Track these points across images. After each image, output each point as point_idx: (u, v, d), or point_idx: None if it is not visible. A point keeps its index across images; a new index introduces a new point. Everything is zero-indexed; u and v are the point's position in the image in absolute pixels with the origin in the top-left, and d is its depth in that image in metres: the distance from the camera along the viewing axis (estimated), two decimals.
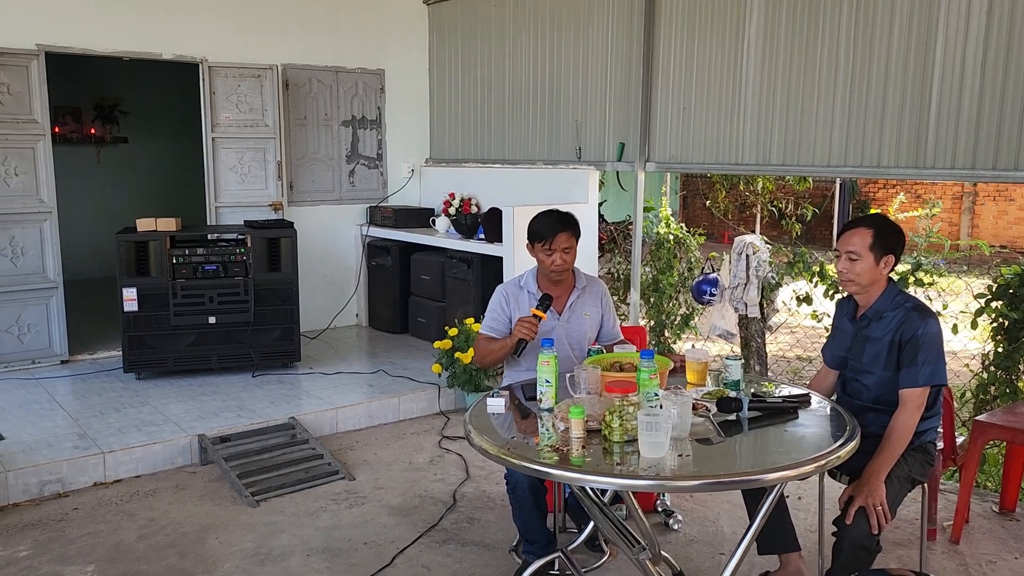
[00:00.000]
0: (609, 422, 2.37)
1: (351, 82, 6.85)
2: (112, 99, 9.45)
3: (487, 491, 4.01)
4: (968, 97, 3.91)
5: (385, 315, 6.93)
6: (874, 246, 2.77)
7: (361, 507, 3.86)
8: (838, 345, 3.00)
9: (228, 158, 6.25)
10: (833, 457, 2.30)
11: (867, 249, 2.77)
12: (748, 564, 3.22)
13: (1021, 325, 4.05)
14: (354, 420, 4.95)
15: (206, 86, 6.07)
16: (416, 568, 3.29)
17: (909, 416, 2.69)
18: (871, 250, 2.77)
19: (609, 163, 5.75)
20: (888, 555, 3.37)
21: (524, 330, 3.05)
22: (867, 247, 2.77)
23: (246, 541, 3.50)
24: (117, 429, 4.43)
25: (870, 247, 2.77)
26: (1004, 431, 3.50)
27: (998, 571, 3.26)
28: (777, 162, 4.79)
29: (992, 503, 3.88)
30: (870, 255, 2.77)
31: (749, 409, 2.58)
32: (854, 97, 4.35)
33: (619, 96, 5.60)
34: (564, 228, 3.19)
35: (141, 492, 4.00)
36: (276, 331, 5.51)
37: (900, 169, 4.22)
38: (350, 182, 6.98)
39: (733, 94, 4.93)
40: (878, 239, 2.77)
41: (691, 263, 6.05)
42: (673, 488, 2.74)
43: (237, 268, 5.39)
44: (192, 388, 5.18)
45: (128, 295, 5.14)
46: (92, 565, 3.28)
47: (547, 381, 2.64)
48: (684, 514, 3.72)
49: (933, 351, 2.70)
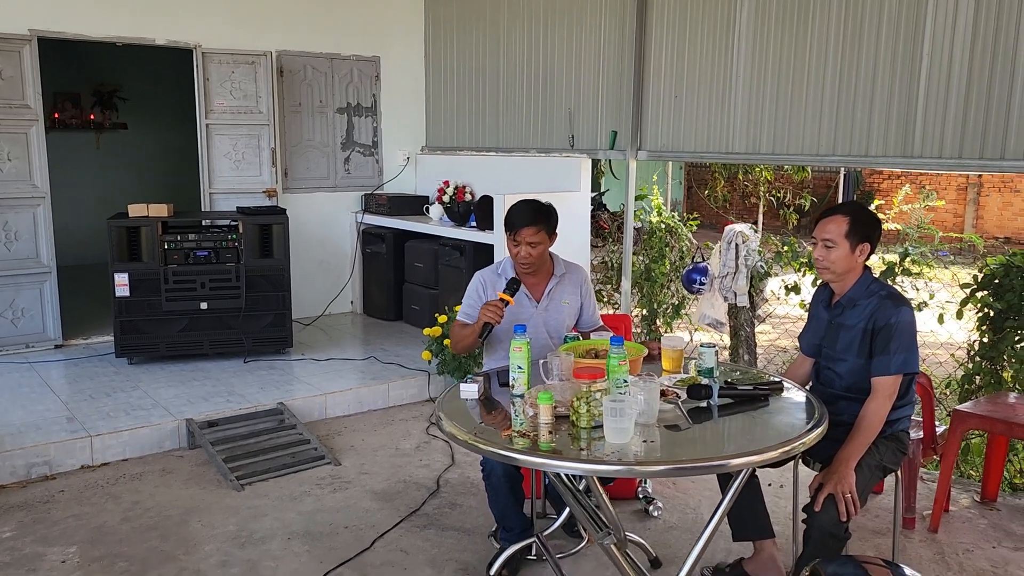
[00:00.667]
0: (577, 408, 2.38)
1: (346, 69, 6.85)
2: (111, 85, 9.47)
3: (471, 477, 4.03)
4: (955, 87, 3.89)
5: (379, 302, 6.95)
6: (850, 234, 2.76)
7: (345, 492, 3.89)
8: (813, 333, 3.01)
9: (222, 144, 6.27)
10: (798, 443, 2.30)
11: (843, 237, 2.77)
12: (724, 551, 3.24)
13: (1006, 315, 4.04)
14: (343, 406, 4.98)
15: (200, 72, 6.08)
16: (395, 552, 3.32)
17: (880, 404, 2.69)
18: (847, 238, 2.77)
19: (602, 151, 5.74)
20: (865, 543, 3.39)
21: (489, 314, 3.03)
22: (843, 235, 2.77)
23: (228, 524, 3.54)
24: (106, 413, 4.47)
25: (846, 235, 2.77)
26: (983, 421, 3.50)
27: (974, 560, 3.27)
28: (767, 151, 4.78)
29: (974, 492, 3.88)
30: (846, 243, 2.77)
31: (720, 396, 2.59)
32: (843, 87, 4.33)
33: (612, 85, 5.58)
34: (532, 223, 3.16)
35: (127, 475, 4.04)
36: (268, 317, 5.54)
37: (888, 158, 4.21)
38: (345, 169, 6.98)
39: (724, 83, 4.92)
40: (854, 227, 2.76)
41: (683, 252, 6.04)
42: (637, 473, 2.75)
43: (229, 254, 5.41)
44: (183, 373, 5.21)
45: (120, 280, 5.17)
46: (74, 547, 3.32)
47: (519, 367, 2.64)
48: (665, 501, 3.74)
49: (906, 339, 2.70)
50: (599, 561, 3.18)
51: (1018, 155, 3.67)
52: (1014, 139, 3.69)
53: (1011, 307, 4.01)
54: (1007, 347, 4.03)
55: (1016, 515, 3.67)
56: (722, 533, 3.12)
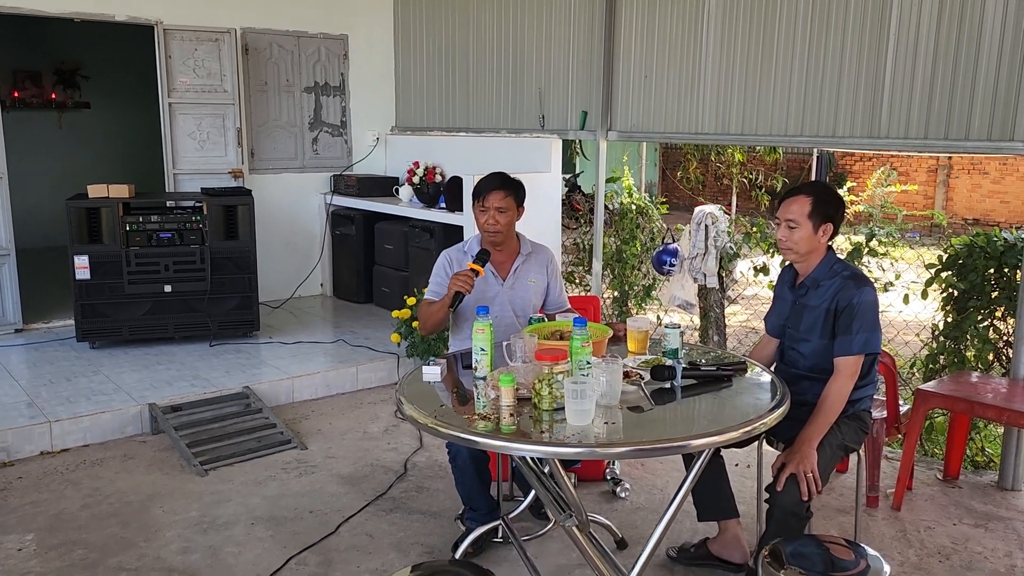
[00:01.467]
0: (539, 390, 2.36)
1: (313, 47, 6.73)
2: (73, 63, 9.24)
3: (439, 460, 4.01)
4: (921, 68, 3.89)
5: (350, 285, 6.89)
6: (812, 214, 2.75)
7: (311, 476, 3.85)
8: (778, 313, 3.00)
9: (186, 124, 6.14)
10: (760, 423, 2.30)
11: (805, 217, 2.76)
12: (690, 531, 3.25)
13: (969, 295, 4.07)
14: (311, 390, 4.92)
15: (162, 50, 5.94)
16: (360, 536, 3.29)
17: (842, 384, 2.70)
18: (809, 218, 2.76)
19: (572, 132, 5.70)
20: (828, 521, 3.42)
21: (459, 283, 3.00)
22: (805, 215, 2.76)
23: (191, 510, 3.49)
24: (66, 398, 4.38)
25: (808, 215, 2.76)
26: (945, 400, 3.53)
27: (935, 537, 3.31)
28: (736, 131, 4.77)
29: (937, 471, 3.93)
30: (808, 223, 2.76)
31: (683, 377, 2.58)
32: (811, 68, 4.32)
33: (582, 65, 5.54)
34: (499, 187, 3.16)
35: (88, 461, 3.97)
36: (234, 300, 5.46)
37: (855, 139, 4.22)
38: (313, 150, 6.88)
39: (694, 63, 4.89)
40: (816, 207, 2.75)
41: (654, 233, 6.03)
42: (598, 455, 2.73)
43: (193, 236, 5.32)
44: (147, 357, 5.13)
45: (80, 263, 5.06)
46: (31, 534, 3.26)
47: (482, 349, 2.61)
48: (633, 483, 3.74)
49: (868, 319, 2.71)
50: (564, 543, 3.17)
51: (982, 135, 3.69)
52: (978, 120, 3.71)
53: (974, 287, 4.04)
54: (970, 327, 4.06)
55: (977, 492, 3.72)
56: (688, 514, 3.13)
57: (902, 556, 3.15)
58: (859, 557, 2.24)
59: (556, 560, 3.10)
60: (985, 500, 3.64)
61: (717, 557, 3.01)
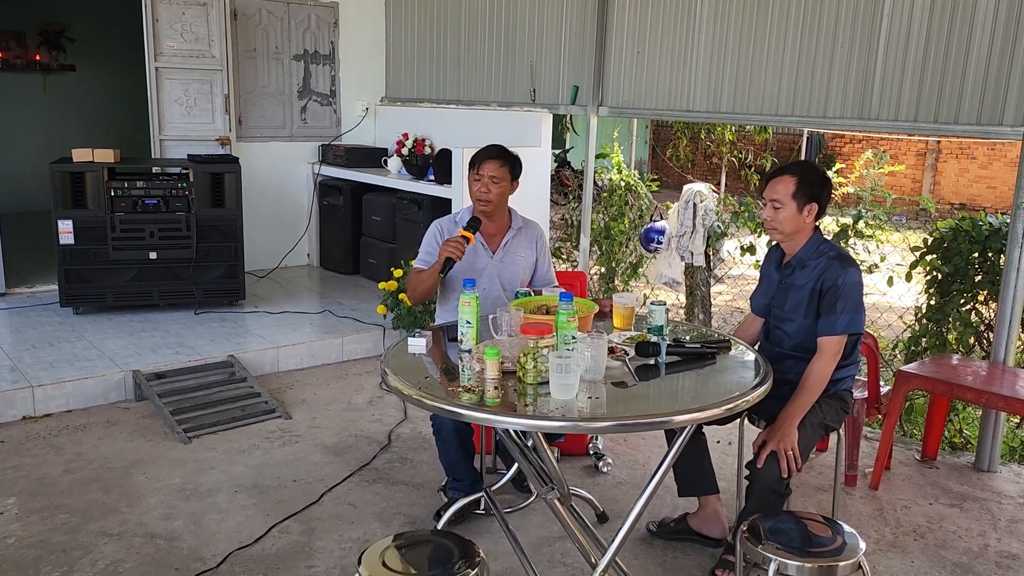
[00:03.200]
0: (523, 364, 2.37)
1: (303, 15, 6.65)
2: (59, 24, 9.09)
3: (423, 432, 4.02)
4: (913, 51, 3.89)
5: (337, 255, 6.86)
6: (796, 194, 2.76)
7: (294, 445, 3.86)
8: (764, 293, 3.02)
9: (173, 89, 6.06)
10: (742, 400, 2.32)
11: (790, 197, 2.76)
12: (671, 506, 3.29)
13: (953, 279, 4.10)
14: (296, 360, 4.92)
15: (148, 12, 5.84)
16: (342, 506, 3.31)
17: (825, 363, 2.72)
18: (794, 198, 2.76)
19: (563, 106, 5.67)
20: (807, 499, 3.46)
21: (451, 249, 3.01)
22: (790, 195, 2.76)
23: (174, 477, 3.49)
24: (49, 363, 4.36)
25: (792, 195, 2.76)
26: (925, 381, 3.57)
27: (911, 515, 3.36)
28: (727, 110, 4.75)
29: (915, 451, 3.98)
30: (793, 203, 2.77)
31: (668, 354, 2.59)
32: (803, 48, 4.31)
33: (574, 39, 5.49)
34: (497, 157, 3.16)
35: (71, 427, 3.96)
36: (220, 268, 5.42)
37: (846, 120, 4.22)
38: (302, 119, 6.82)
39: (686, 41, 4.86)
40: (801, 187, 2.76)
41: (642, 211, 6.03)
42: (581, 429, 2.76)
43: (179, 203, 5.27)
44: (131, 324, 5.10)
45: (63, 227, 5.01)
46: (13, 498, 3.25)
47: (468, 322, 2.61)
48: (615, 457, 3.77)
49: (852, 300, 2.72)
50: (546, 516, 3.20)
51: (971, 120, 3.70)
52: (968, 103, 3.71)
53: (958, 271, 4.08)
54: (952, 310, 4.10)
55: (953, 473, 3.78)
56: (669, 489, 3.16)
57: (878, 534, 3.20)
58: (836, 534, 2.27)
59: (537, 532, 3.13)
60: (961, 481, 3.70)
61: (696, 532, 3.05)
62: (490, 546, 2.98)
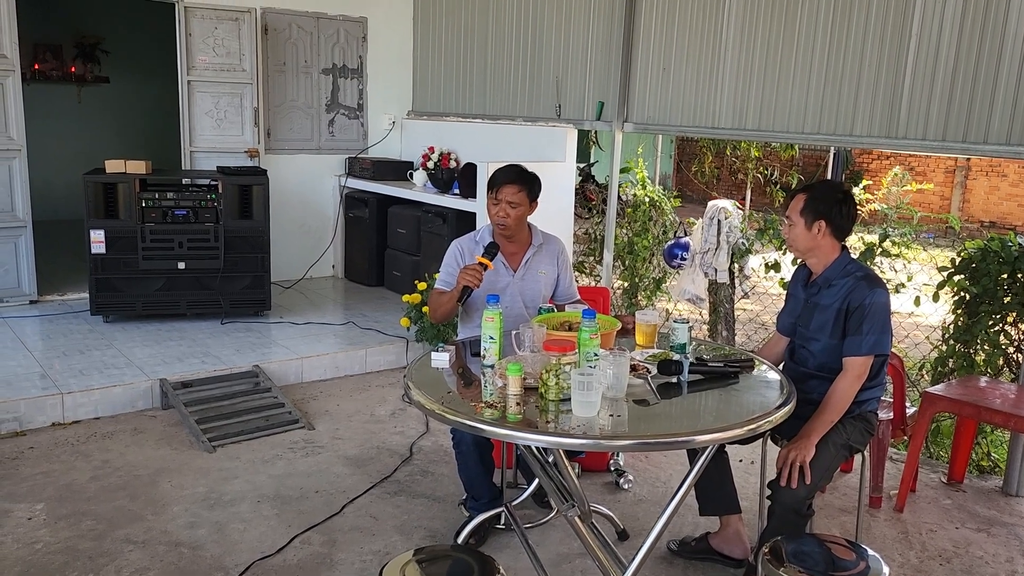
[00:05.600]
0: (546, 380, 2.37)
1: (332, 29, 6.73)
2: (94, 37, 9.27)
3: (445, 445, 4.03)
4: (942, 69, 3.86)
5: (361, 267, 6.91)
6: (804, 211, 2.76)
7: (317, 456, 3.89)
8: (789, 312, 3.00)
9: (204, 102, 6.16)
10: (764, 421, 2.31)
11: (798, 214, 2.77)
12: (692, 525, 3.27)
13: (981, 299, 4.05)
14: (320, 370, 4.96)
15: (182, 27, 5.96)
16: (364, 518, 3.33)
17: (849, 384, 2.70)
18: (801, 215, 2.77)
19: (588, 122, 5.69)
20: (831, 520, 3.43)
21: (468, 277, 3.02)
22: (798, 212, 2.77)
23: (198, 486, 3.53)
24: (79, 371, 4.43)
25: (800, 212, 2.76)
26: (952, 403, 3.52)
27: (937, 540, 3.31)
28: (753, 127, 4.74)
29: (942, 474, 3.93)
30: (801, 220, 2.77)
31: (690, 372, 2.58)
32: (830, 65, 4.29)
33: (600, 55, 5.51)
34: (515, 181, 3.17)
35: (99, 434, 4.02)
36: (246, 279, 5.49)
37: (873, 138, 4.19)
38: (329, 132, 6.90)
39: (712, 57, 4.86)
40: (808, 204, 2.76)
41: (666, 226, 6.02)
42: (602, 447, 2.76)
43: (208, 214, 5.35)
44: (159, 333, 5.17)
45: (95, 237, 5.10)
46: (41, 504, 3.30)
47: (491, 337, 2.62)
48: (637, 475, 3.76)
49: (879, 321, 2.70)
50: (567, 532, 3.19)
51: (1001, 139, 3.66)
52: (997, 122, 3.68)
53: (986, 291, 4.03)
54: (980, 331, 4.05)
55: (981, 497, 3.72)
56: (690, 507, 3.14)
57: (903, 558, 3.16)
58: (859, 558, 2.25)
59: (557, 549, 3.12)
60: (989, 505, 3.64)
61: (718, 552, 3.03)
62: (510, 562, 2.99)
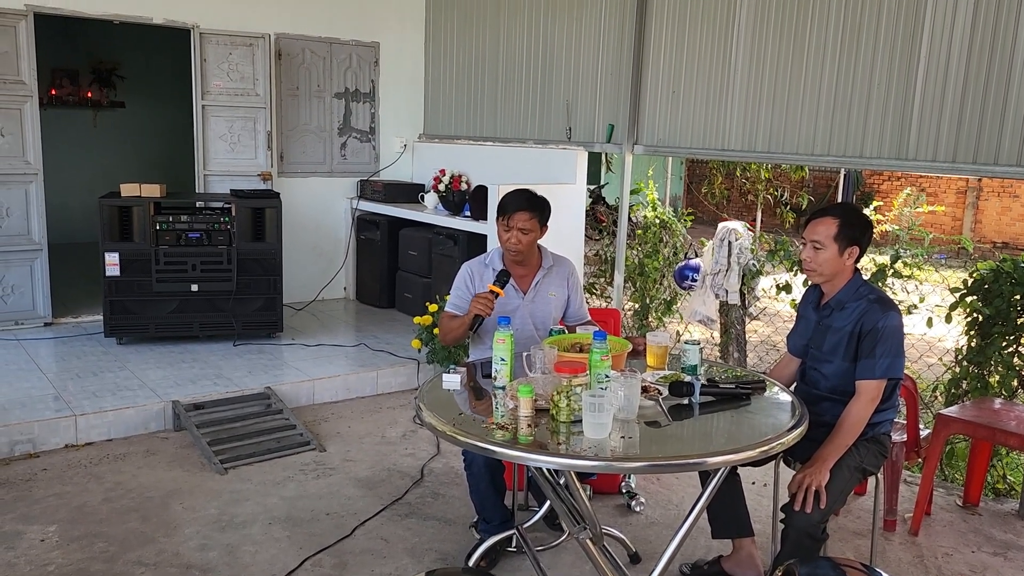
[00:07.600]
0: (557, 402, 2.38)
1: (345, 54, 6.82)
2: (110, 63, 9.42)
3: (456, 467, 4.03)
4: (952, 91, 3.87)
5: (373, 289, 6.94)
6: (838, 236, 2.75)
7: (328, 478, 3.89)
8: (800, 334, 3.00)
9: (218, 126, 6.24)
10: (777, 443, 2.30)
11: (831, 239, 2.76)
12: (704, 548, 3.24)
13: (994, 321, 4.03)
14: (331, 392, 4.97)
15: (197, 53, 6.05)
16: (375, 540, 3.32)
17: (863, 407, 2.69)
18: (835, 240, 2.75)
19: (598, 144, 5.72)
20: (845, 544, 3.40)
21: (479, 306, 3.04)
22: (831, 237, 2.76)
23: (210, 507, 3.53)
24: (92, 392, 4.46)
25: (834, 237, 2.75)
26: (966, 426, 3.50)
27: (953, 564, 3.28)
28: (763, 149, 4.76)
29: (957, 496, 3.89)
30: (834, 245, 2.76)
31: (701, 394, 2.58)
32: (840, 87, 4.31)
33: (610, 78, 5.56)
34: (527, 208, 3.17)
35: (111, 456, 4.03)
36: (259, 301, 5.53)
37: (883, 160, 4.19)
38: (342, 155, 6.96)
39: (722, 80, 4.90)
40: (843, 230, 2.75)
41: (676, 248, 6.03)
42: (614, 469, 2.75)
43: (221, 237, 5.40)
44: (172, 355, 5.20)
45: (110, 260, 5.15)
46: (54, 525, 3.32)
47: (502, 359, 2.63)
48: (648, 497, 3.74)
49: (892, 344, 2.70)
50: (578, 555, 3.18)
51: (1011, 160, 3.66)
52: (1008, 143, 3.68)
53: (999, 313, 4.01)
54: (994, 353, 4.02)
55: (997, 520, 3.68)
56: (702, 530, 3.12)
57: None
58: None
59: (569, 572, 3.11)
60: (1005, 528, 3.60)
61: (730, 575, 3.00)
62: None
